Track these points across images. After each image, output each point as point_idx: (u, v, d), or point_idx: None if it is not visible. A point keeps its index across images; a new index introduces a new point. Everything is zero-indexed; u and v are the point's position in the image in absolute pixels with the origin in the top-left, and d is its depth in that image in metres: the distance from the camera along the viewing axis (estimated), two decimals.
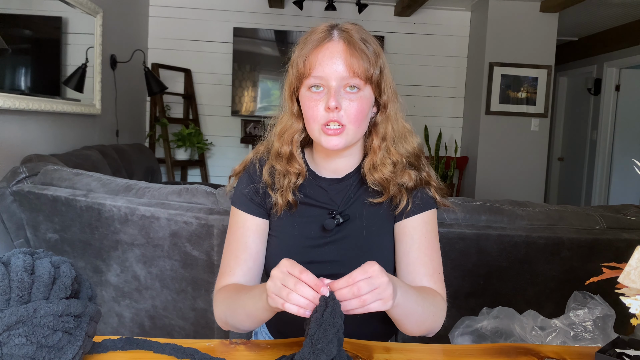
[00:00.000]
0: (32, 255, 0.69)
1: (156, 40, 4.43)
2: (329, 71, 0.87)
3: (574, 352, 0.82)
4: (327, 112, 0.87)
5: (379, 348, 0.80)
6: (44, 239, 1.69)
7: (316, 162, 1.00)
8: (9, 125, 2.13)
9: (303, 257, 0.95)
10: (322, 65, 0.87)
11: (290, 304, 0.69)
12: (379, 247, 0.96)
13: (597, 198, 5.29)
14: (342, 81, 0.88)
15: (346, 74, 0.87)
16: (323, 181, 0.99)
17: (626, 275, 0.64)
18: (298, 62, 0.91)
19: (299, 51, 0.92)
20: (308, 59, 0.89)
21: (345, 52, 0.88)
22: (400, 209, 0.95)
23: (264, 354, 0.76)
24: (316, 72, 0.88)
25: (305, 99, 0.90)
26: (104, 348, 0.75)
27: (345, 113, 0.88)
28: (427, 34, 4.69)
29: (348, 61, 0.87)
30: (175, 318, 1.65)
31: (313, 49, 0.89)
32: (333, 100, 0.86)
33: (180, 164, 4.39)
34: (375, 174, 0.94)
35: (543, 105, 4.37)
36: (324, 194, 0.98)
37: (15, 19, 2.27)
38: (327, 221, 0.95)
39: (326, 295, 0.68)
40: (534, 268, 1.50)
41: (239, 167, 1.05)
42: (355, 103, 0.88)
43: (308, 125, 0.92)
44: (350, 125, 0.88)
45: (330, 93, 0.87)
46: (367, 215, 0.97)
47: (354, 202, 0.97)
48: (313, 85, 0.89)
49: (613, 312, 0.98)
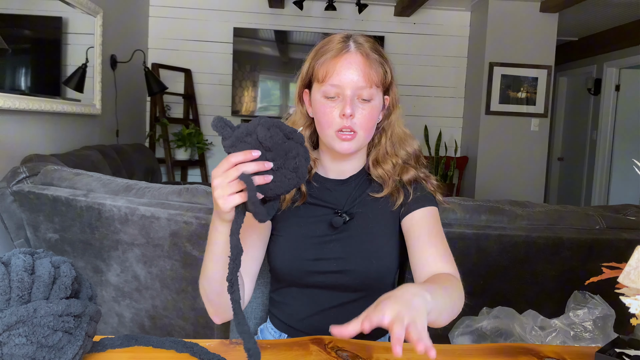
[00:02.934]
0: (32, 255, 0.69)
1: (156, 40, 4.43)
2: (346, 80, 0.93)
3: (574, 352, 0.82)
4: (342, 119, 0.93)
5: (379, 348, 0.81)
6: (44, 239, 1.69)
7: (322, 164, 1.06)
8: (9, 125, 2.13)
9: (309, 254, 0.99)
10: (340, 75, 0.94)
11: (236, 191, 0.69)
12: (382, 245, 1.00)
13: (597, 198, 5.29)
14: (358, 90, 0.94)
15: (363, 84, 0.94)
16: (329, 182, 1.04)
17: (626, 275, 0.65)
18: (315, 69, 0.97)
19: (314, 58, 0.98)
20: (325, 67, 0.95)
21: (363, 64, 0.95)
22: (398, 205, 1.00)
23: (264, 354, 0.76)
24: (333, 81, 0.94)
25: (320, 104, 0.96)
26: (103, 347, 0.76)
27: (358, 121, 0.94)
28: (427, 34, 4.69)
29: (366, 72, 0.94)
30: (175, 318, 1.65)
31: (331, 58, 0.95)
32: (349, 108, 0.93)
33: (180, 164, 4.39)
34: (378, 169, 1.02)
35: (543, 105, 4.37)
36: (329, 195, 1.03)
37: (15, 19, 2.27)
38: (335, 219, 0.99)
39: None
40: (534, 268, 1.50)
41: None
42: (367, 112, 0.95)
43: (322, 130, 0.98)
44: (361, 132, 0.95)
45: (346, 101, 0.93)
46: (371, 214, 1.01)
47: (359, 201, 1.02)
48: (329, 93, 0.95)
49: (613, 312, 0.98)
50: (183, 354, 0.76)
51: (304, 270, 0.99)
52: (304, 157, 0.72)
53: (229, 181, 0.69)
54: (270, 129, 0.70)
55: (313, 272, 0.99)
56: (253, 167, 0.69)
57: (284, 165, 0.71)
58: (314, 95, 0.99)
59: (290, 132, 0.71)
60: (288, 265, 1.00)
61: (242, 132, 0.70)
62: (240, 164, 0.69)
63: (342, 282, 0.99)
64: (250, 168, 0.69)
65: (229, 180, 0.69)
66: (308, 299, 1.02)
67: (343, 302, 1.00)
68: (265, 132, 0.70)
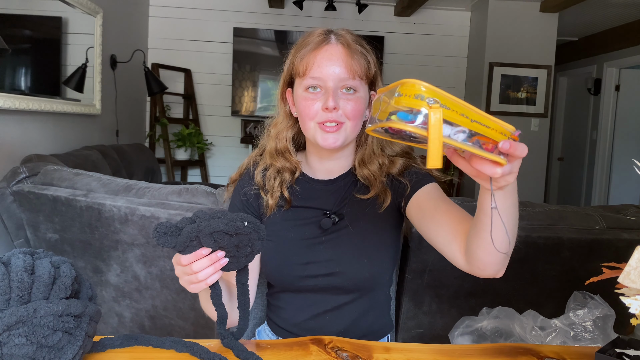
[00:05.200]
0: (32, 255, 0.69)
1: (156, 40, 4.43)
2: (327, 72, 0.89)
3: (574, 352, 0.82)
4: (325, 112, 0.89)
5: (379, 348, 0.80)
6: (44, 239, 1.69)
7: (310, 164, 1.02)
8: (9, 125, 2.13)
9: (300, 258, 0.97)
10: (321, 67, 0.89)
11: (202, 280, 0.72)
12: (374, 244, 0.97)
13: (597, 198, 5.29)
14: (340, 82, 0.89)
15: (345, 75, 0.89)
16: (316, 183, 1.01)
17: (626, 275, 0.64)
18: (295, 63, 0.93)
19: (295, 53, 0.94)
20: (305, 60, 0.91)
21: (345, 55, 0.90)
22: (385, 207, 0.96)
23: (264, 354, 0.76)
24: (314, 73, 0.90)
25: (301, 98, 0.92)
26: (103, 347, 0.75)
27: (343, 111, 0.90)
28: (427, 34, 4.69)
29: (348, 63, 0.90)
30: (175, 318, 1.65)
31: (311, 50, 0.91)
32: (332, 100, 0.88)
33: (180, 164, 4.39)
34: (364, 170, 0.97)
35: (543, 105, 4.37)
36: (317, 196, 1.00)
37: (15, 19, 2.27)
38: (324, 220, 0.96)
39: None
40: (534, 268, 1.50)
41: (235, 175, 1.07)
42: (352, 102, 0.90)
43: (303, 124, 0.93)
44: (348, 122, 0.90)
45: (329, 93, 0.89)
46: (360, 213, 0.98)
47: (347, 202, 0.98)
48: (310, 86, 0.90)
49: (613, 312, 0.98)
50: (183, 353, 0.76)
51: (294, 275, 0.97)
52: (257, 239, 0.70)
53: (188, 276, 0.71)
54: (214, 234, 0.68)
55: (304, 277, 0.97)
56: (205, 264, 0.70)
57: (237, 253, 0.71)
58: (296, 91, 0.94)
59: (237, 228, 0.68)
60: (278, 270, 0.98)
61: (185, 240, 0.68)
62: (192, 263, 0.70)
63: (335, 284, 0.96)
64: (202, 266, 0.70)
65: (187, 275, 0.71)
66: (302, 303, 1.00)
67: (338, 305, 0.98)
68: (209, 240, 0.68)
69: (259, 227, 0.71)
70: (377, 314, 1.04)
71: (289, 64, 0.95)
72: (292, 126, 1.01)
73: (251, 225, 0.69)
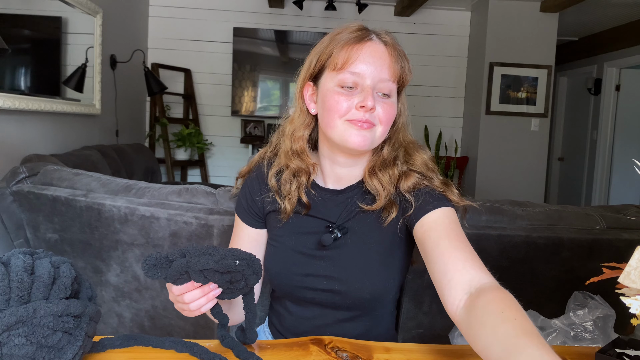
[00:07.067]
0: (32, 255, 0.69)
1: (156, 40, 4.43)
2: (369, 69, 0.83)
3: (574, 352, 0.82)
4: (359, 111, 0.83)
5: (379, 348, 0.80)
6: (44, 239, 1.69)
7: (322, 171, 0.96)
8: (9, 125, 2.13)
9: (299, 268, 0.93)
10: (363, 62, 0.83)
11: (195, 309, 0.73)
12: (377, 264, 0.91)
13: (597, 198, 5.29)
14: (380, 83, 0.85)
15: (386, 76, 0.85)
16: (323, 192, 0.95)
17: (626, 275, 0.64)
18: (332, 54, 0.86)
19: (330, 44, 0.87)
20: (346, 53, 0.84)
21: (389, 55, 0.85)
22: (389, 221, 0.89)
23: (264, 354, 0.76)
24: (354, 68, 0.83)
25: (333, 92, 0.85)
26: (103, 347, 0.75)
27: (378, 115, 0.85)
28: (427, 33, 4.69)
29: (391, 64, 0.85)
30: (175, 318, 1.65)
31: (353, 44, 0.84)
32: (370, 99, 0.82)
33: (180, 164, 4.39)
34: (373, 180, 0.90)
35: (543, 105, 4.37)
36: (324, 206, 0.94)
37: (15, 19, 2.27)
38: (325, 236, 0.90)
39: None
40: (534, 268, 1.50)
41: (245, 169, 1.02)
42: (387, 107, 0.86)
43: (329, 121, 0.86)
44: (379, 126, 0.86)
45: (366, 92, 0.83)
46: (366, 228, 0.91)
47: (353, 215, 0.92)
48: (345, 81, 0.84)
49: (613, 312, 0.98)
50: (183, 354, 0.75)
51: (294, 285, 0.94)
52: (252, 274, 0.69)
53: (182, 304, 0.72)
54: (204, 271, 0.66)
55: (303, 288, 0.93)
56: (197, 295, 0.70)
57: (230, 287, 0.70)
58: (324, 84, 0.87)
59: (228, 266, 0.66)
60: (278, 277, 0.95)
61: (175, 272, 0.67)
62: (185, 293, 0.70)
63: (334, 301, 0.92)
64: (193, 297, 0.70)
65: (182, 303, 0.72)
66: (303, 314, 0.97)
67: (339, 320, 0.95)
68: (199, 276, 0.67)
69: (252, 262, 0.68)
70: (381, 331, 0.99)
71: (321, 55, 0.87)
72: (308, 124, 0.94)
73: (244, 263, 0.67)
